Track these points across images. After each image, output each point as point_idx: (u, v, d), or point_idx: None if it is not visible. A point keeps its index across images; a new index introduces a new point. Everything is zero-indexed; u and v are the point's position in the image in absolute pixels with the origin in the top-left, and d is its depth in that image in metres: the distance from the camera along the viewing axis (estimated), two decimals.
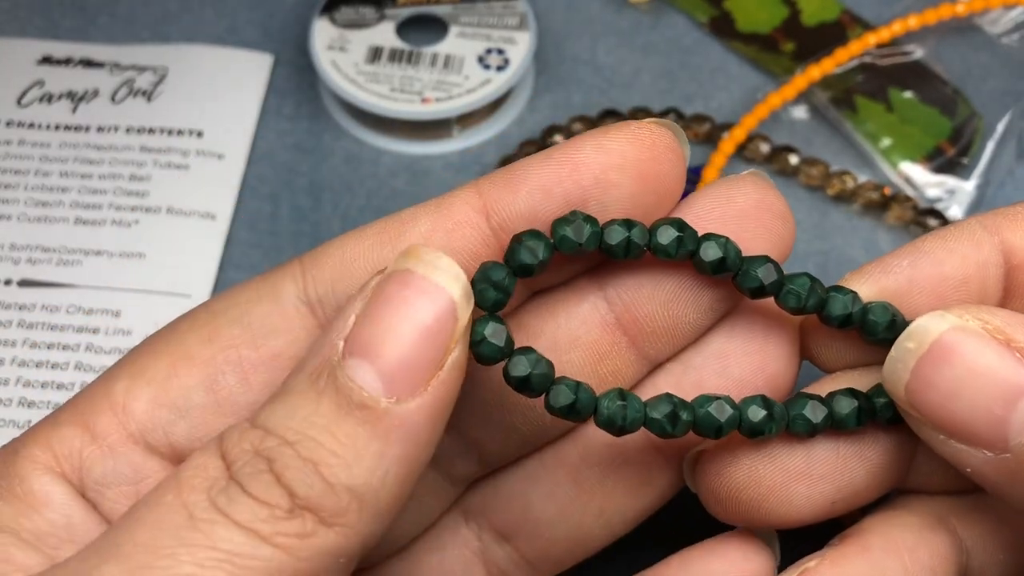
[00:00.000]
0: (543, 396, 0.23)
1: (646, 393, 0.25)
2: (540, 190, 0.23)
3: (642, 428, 0.23)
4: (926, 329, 0.23)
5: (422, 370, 0.21)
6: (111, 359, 0.38)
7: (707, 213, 0.24)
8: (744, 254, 0.24)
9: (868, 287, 0.24)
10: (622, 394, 0.23)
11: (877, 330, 0.24)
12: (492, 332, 0.22)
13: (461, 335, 0.22)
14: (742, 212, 0.24)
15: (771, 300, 0.24)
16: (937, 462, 0.25)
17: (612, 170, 0.23)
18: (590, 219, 0.23)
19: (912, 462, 0.25)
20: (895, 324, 0.24)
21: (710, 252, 0.24)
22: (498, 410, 0.26)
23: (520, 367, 0.23)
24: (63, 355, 0.39)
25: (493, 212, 0.24)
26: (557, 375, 0.23)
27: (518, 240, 0.23)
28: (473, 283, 0.23)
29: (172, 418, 0.23)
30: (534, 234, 0.23)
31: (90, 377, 0.38)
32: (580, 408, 0.23)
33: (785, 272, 0.24)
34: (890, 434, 0.25)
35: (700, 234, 0.24)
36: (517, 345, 0.23)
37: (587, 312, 0.25)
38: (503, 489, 0.27)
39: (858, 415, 0.24)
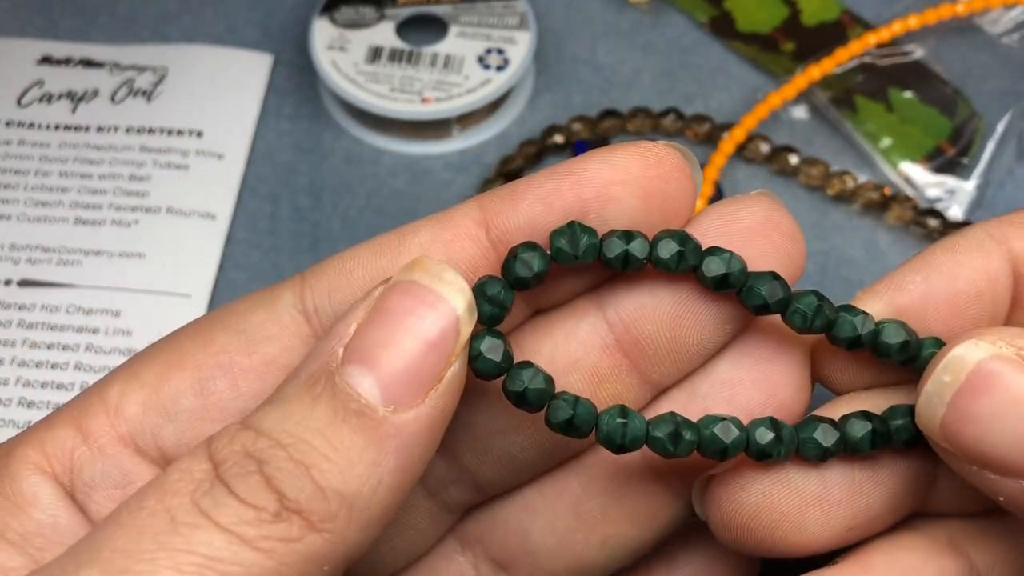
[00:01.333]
0: (542, 412, 0.23)
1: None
2: (540, 202, 0.23)
3: (644, 448, 0.23)
4: (962, 359, 0.22)
5: (422, 381, 0.21)
6: (111, 359, 0.38)
7: (712, 230, 0.24)
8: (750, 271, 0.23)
9: (882, 305, 0.24)
10: (623, 411, 0.23)
11: (890, 352, 0.23)
12: (489, 347, 0.22)
13: (462, 348, 0.21)
14: (749, 229, 0.24)
15: (780, 319, 0.23)
16: (957, 486, 0.24)
17: (615, 185, 0.23)
18: (588, 230, 0.22)
19: (932, 486, 0.25)
20: (908, 345, 0.23)
21: (713, 267, 0.23)
22: (495, 437, 0.25)
23: (518, 381, 0.22)
24: (63, 355, 0.39)
25: (493, 224, 0.23)
26: (556, 391, 0.23)
27: (513, 253, 0.23)
28: None
29: (161, 422, 0.23)
30: (530, 246, 0.23)
31: (90, 377, 0.38)
32: (579, 423, 0.22)
33: (794, 290, 0.23)
34: (908, 458, 0.24)
35: (704, 248, 0.23)
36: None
37: (586, 333, 0.24)
38: (501, 518, 0.26)
39: (872, 438, 0.23)
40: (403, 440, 0.21)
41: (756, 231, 0.24)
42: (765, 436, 0.23)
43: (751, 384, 0.25)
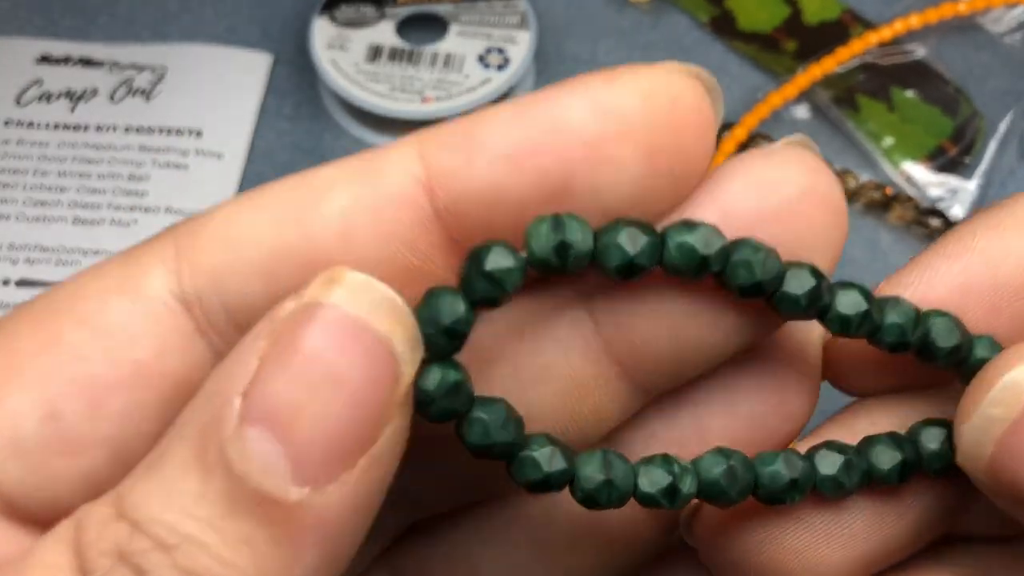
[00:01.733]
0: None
1: (633, 433, 0.20)
2: (506, 160, 0.16)
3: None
4: (1016, 387, 0.17)
5: (348, 447, 0.15)
6: None
7: (740, 204, 0.17)
8: (784, 260, 0.17)
9: (912, 299, 0.19)
10: (606, 461, 0.17)
11: (938, 356, 0.19)
12: (443, 389, 0.16)
13: (403, 397, 0.15)
14: (787, 206, 0.17)
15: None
16: (994, 513, 0.19)
17: (611, 140, 0.16)
18: (580, 226, 0.16)
19: (966, 511, 0.20)
20: (959, 349, 0.19)
21: (742, 273, 0.17)
22: (441, 457, 0.19)
23: (478, 432, 0.16)
24: None
25: (439, 187, 0.16)
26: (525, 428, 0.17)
27: (478, 262, 0.16)
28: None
29: None
30: (501, 250, 0.16)
31: None
32: (553, 482, 0.17)
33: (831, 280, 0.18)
34: (939, 483, 0.20)
35: (730, 240, 0.17)
36: (473, 380, 0.17)
37: (566, 332, 0.18)
38: (444, 550, 0.21)
39: (902, 470, 0.19)
40: (325, 529, 0.15)
41: (797, 209, 0.18)
42: (778, 480, 0.18)
43: (757, 391, 0.20)
